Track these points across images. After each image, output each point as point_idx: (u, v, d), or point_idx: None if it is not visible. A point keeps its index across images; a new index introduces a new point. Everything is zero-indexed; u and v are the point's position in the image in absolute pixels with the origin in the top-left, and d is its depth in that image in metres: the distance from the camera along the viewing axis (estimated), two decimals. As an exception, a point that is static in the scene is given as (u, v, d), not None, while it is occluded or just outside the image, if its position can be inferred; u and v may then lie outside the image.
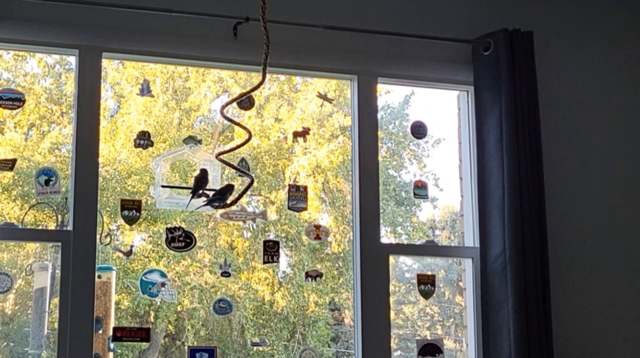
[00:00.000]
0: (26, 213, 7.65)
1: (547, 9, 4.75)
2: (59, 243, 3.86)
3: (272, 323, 10.13)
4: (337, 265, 10.42)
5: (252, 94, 3.88)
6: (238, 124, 3.13)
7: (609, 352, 4.48)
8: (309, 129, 4.96)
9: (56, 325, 3.79)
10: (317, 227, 4.39)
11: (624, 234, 4.64)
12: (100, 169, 4.01)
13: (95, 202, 3.89)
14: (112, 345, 4.69)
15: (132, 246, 9.43)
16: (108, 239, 4.64)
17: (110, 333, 4.53)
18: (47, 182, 3.90)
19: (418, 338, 6.49)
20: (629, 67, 4.85)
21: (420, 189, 4.59)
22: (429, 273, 4.46)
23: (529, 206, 4.23)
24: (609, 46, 4.84)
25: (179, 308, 9.89)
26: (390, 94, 10.88)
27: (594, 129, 4.71)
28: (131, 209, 4.03)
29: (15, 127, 9.55)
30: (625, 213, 4.67)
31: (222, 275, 4.52)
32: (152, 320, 9.79)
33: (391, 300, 4.31)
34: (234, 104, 3.88)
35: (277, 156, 10.18)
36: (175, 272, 9.51)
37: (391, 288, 4.32)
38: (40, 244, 7.45)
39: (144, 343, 8.87)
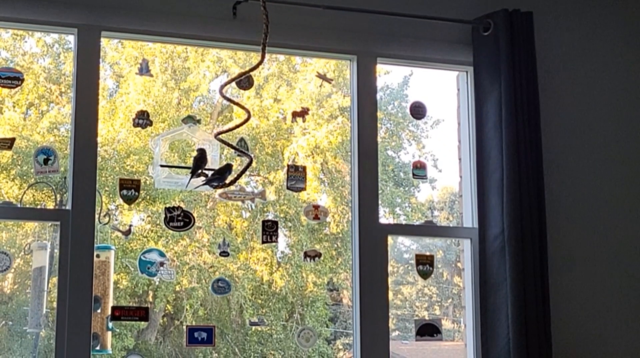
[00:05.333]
0: (25, 192, 7.66)
1: (547, -10, 4.74)
2: (58, 223, 3.85)
3: (270, 303, 10.16)
4: (335, 245, 10.44)
5: (251, 74, 3.88)
6: (237, 104, 3.12)
7: (607, 333, 4.49)
8: (308, 110, 4.95)
9: (55, 304, 3.79)
10: (316, 207, 4.39)
11: (624, 215, 4.65)
12: (99, 148, 4.00)
13: (94, 181, 3.89)
14: (110, 325, 4.69)
15: (130, 225, 9.44)
16: (107, 218, 4.63)
17: (109, 312, 4.53)
18: (45, 161, 3.89)
19: (416, 318, 6.52)
20: (629, 48, 4.84)
21: (419, 170, 4.59)
22: (428, 253, 4.46)
23: (528, 187, 4.23)
24: (609, 27, 4.83)
25: (177, 288, 9.92)
26: (389, 75, 10.90)
27: (594, 110, 4.71)
28: (130, 189, 4.03)
29: (14, 106, 9.55)
30: (625, 194, 4.67)
31: (220, 254, 4.53)
32: (151, 299, 9.82)
33: (389, 280, 4.32)
34: (233, 84, 3.88)
35: (276, 137, 10.18)
36: (173, 252, 9.53)
37: (390, 268, 4.32)
38: (39, 223, 7.44)
39: (142, 323, 8.90)
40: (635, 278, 4.60)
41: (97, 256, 4.37)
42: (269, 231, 4.24)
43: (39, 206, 8.41)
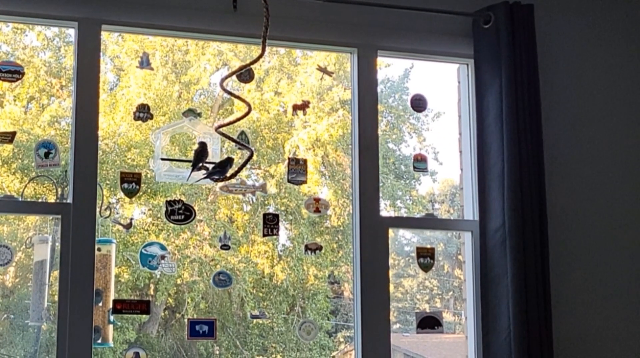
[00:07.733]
0: (26, 186, 7.66)
1: (548, -18, 4.74)
2: (59, 216, 3.85)
3: (271, 296, 10.18)
4: (336, 238, 10.46)
5: (252, 67, 3.88)
6: (238, 97, 3.13)
7: (608, 325, 4.49)
8: (308, 103, 4.95)
9: (56, 298, 3.79)
10: (317, 200, 4.39)
11: (624, 204, 4.64)
12: (99, 142, 4.00)
13: (95, 175, 3.89)
14: (112, 318, 4.69)
15: (131, 219, 9.45)
16: (108, 212, 4.63)
17: (110, 305, 4.53)
18: (46, 155, 3.89)
19: (417, 311, 6.52)
20: (630, 40, 4.83)
21: (419, 163, 4.59)
22: (428, 246, 4.46)
23: (529, 179, 4.23)
24: (610, 19, 4.82)
25: (178, 281, 9.94)
26: (390, 68, 10.91)
27: (594, 102, 4.70)
28: (131, 182, 4.03)
29: (14, 100, 9.56)
30: (626, 186, 4.67)
31: (221, 248, 4.52)
32: (152, 292, 9.84)
33: (390, 273, 4.32)
34: (234, 77, 3.87)
35: (276, 130, 10.19)
36: (175, 245, 9.54)
37: (390, 261, 4.32)
38: (40, 217, 7.47)
39: (143, 316, 8.91)
40: (636, 270, 4.60)
41: (99, 249, 4.38)
42: (270, 224, 4.24)
43: (40, 200, 8.41)
